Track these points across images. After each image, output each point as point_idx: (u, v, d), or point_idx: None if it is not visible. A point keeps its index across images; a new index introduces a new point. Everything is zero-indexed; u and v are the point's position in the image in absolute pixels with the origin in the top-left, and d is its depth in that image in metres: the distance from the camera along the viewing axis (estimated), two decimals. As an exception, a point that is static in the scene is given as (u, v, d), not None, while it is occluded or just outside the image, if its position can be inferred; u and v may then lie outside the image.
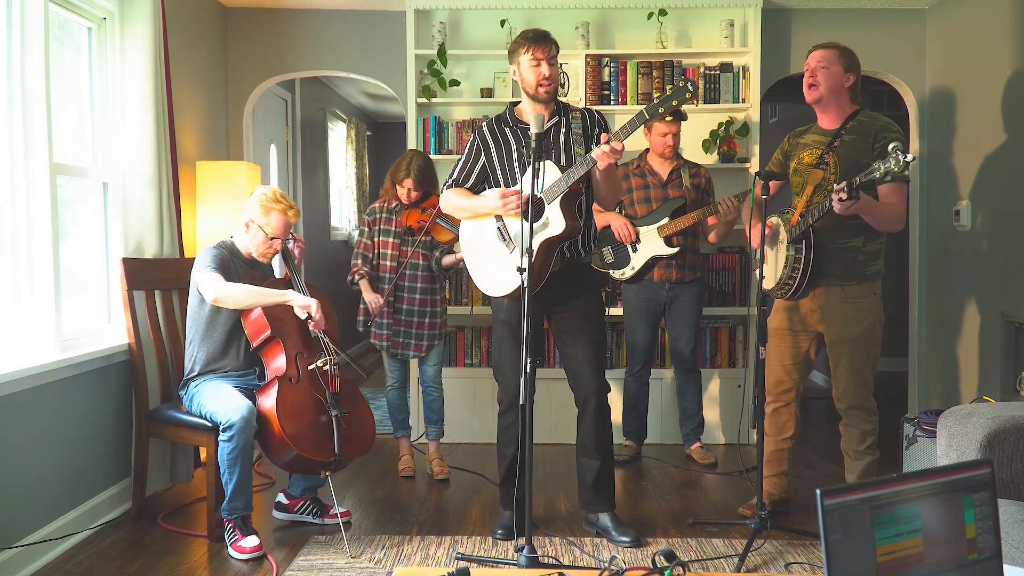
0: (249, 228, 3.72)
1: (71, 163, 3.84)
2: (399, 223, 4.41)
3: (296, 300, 3.55)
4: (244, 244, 3.76)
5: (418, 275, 4.40)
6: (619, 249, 4.73)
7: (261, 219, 3.69)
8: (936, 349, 5.28)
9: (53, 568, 3.26)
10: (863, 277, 3.57)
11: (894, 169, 3.11)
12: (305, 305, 3.54)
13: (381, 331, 4.41)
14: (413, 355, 4.46)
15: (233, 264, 3.69)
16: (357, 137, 9.19)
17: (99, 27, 4.03)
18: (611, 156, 3.15)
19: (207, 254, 3.63)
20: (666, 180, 4.68)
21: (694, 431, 4.90)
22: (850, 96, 3.61)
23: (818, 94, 3.57)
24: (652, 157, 4.73)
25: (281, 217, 3.70)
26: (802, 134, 3.75)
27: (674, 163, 4.71)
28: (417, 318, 4.42)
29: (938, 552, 1.50)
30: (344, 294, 8.58)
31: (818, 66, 3.56)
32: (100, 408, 3.80)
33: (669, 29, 5.29)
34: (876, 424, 3.68)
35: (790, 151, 3.77)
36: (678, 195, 4.64)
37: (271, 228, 3.70)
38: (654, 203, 4.67)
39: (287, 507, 3.81)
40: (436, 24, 5.25)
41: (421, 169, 4.38)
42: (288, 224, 3.74)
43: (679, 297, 4.72)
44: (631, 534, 3.49)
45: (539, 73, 3.39)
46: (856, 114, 3.60)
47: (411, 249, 4.38)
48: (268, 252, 3.76)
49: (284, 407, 3.47)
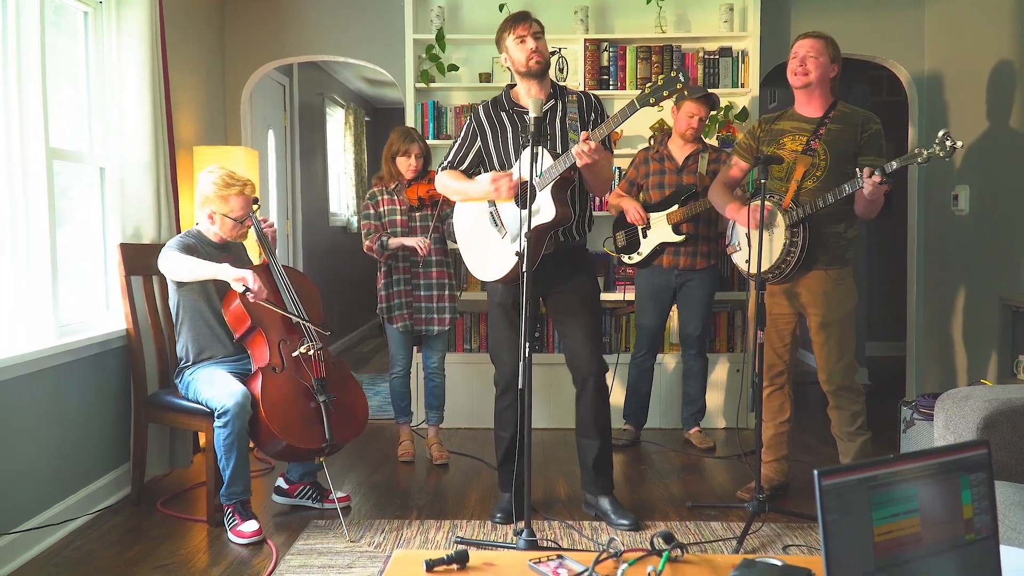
0: (214, 219, 3.67)
1: (68, 148, 3.83)
2: (403, 201, 4.38)
3: (229, 274, 3.44)
4: (213, 231, 3.72)
5: (433, 248, 4.37)
6: (631, 234, 4.72)
7: (222, 207, 3.64)
8: (934, 333, 5.28)
9: (52, 554, 3.27)
10: (844, 261, 3.66)
11: (938, 154, 3.20)
12: (239, 278, 3.42)
13: (401, 311, 4.39)
14: (437, 329, 4.43)
15: (203, 251, 3.65)
16: (355, 122, 9.17)
17: (95, 11, 4.01)
18: (586, 157, 3.13)
19: (172, 241, 3.62)
20: (682, 166, 4.65)
21: (694, 416, 4.90)
22: (831, 87, 3.67)
23: (807, 80, 3.60)
24: (673, 140, 4.69)
25: (240, 198, 3.65)
26: (775, 120, 3.77)
27: (694, 147, 4.67)
28: (436, 291, 4.40)
29: (935, 532, 1.50)
30: (343, 279, 8.62)
31: (807, 55, 3.59)
32: (98, 394, 3.80)
33: (668, 13, 5.27)
34: (863, 404, 3.74)
35: (763, 137, 3.77)
36: (691, 181, 4.62)
37: (235, 212, 3.65)
38: (667, 189, 4.65)
39: (286, 492, 3.82)
40: (434, 9, 5.23)
41: (420, 135, 4.37)
42: (249, 200, 3.69)
43: (689, 283, 4.71)
44: (630, 517, 3.50)
45: (526, 49, 3.38)
46: (835, 105, 3.65)
47: (419, 224, 4.36)
48: (242, 232, 3.74)
49: (269, 398, 3.45)
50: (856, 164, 3.54)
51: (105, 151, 4.04)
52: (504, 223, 3.43)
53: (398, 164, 4.37)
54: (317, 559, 3.19)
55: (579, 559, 2.05)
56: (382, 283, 4.41)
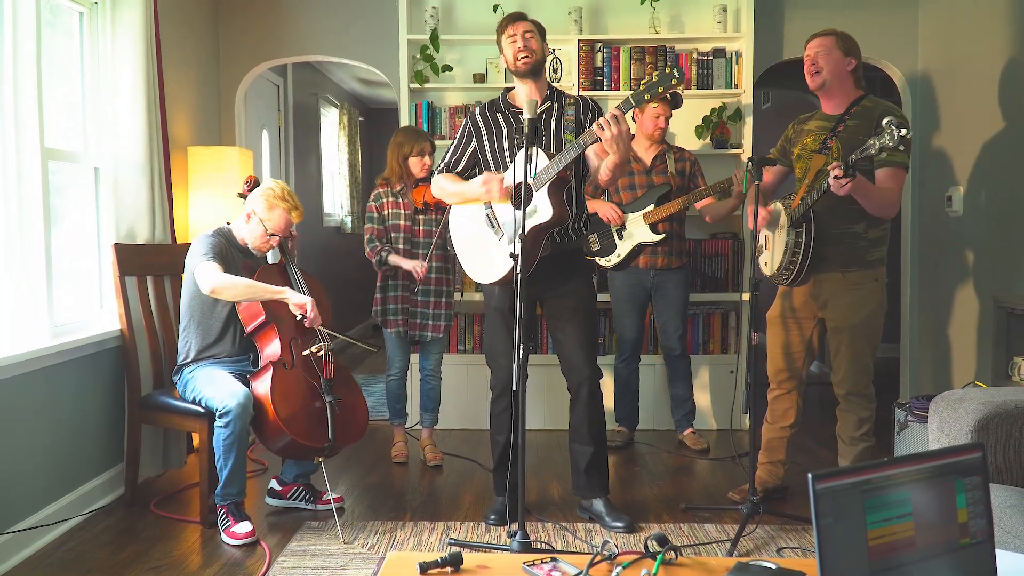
0: (250, 219, 3.70)
1: (63, 148, 3.82)
2: (407, 204, 4.36)
3: (292, 298, 3.53)
4: (242, 233, 3.74)
5: (433, 254, 4.37)
6: (605, 237, 4.71)
7: (264, 213, 3.67)
8: (928, 334, 5.29)
9: (45, 554, 3.26)
10: (864, 264, 3.55)
11: (888, 144, 3.00)
12: (301, 304, 3.52)
13: (396, 317, 4.39)
14: (431, 336, 4.43)
15: (230, 253, 3.67)
16: (350, 123, 9.16)
17: (90, 12, 4.00)
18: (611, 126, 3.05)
19: (204, 242, 3.59)
20: (650, 167, 4.67)
21: (686, 417, 4.91)
22: (853, 80, 3.58)
23: (821, 79, 3.54)
24: (638, 142, 4.69)
25: (284, 215, 3.69)
26: (806, 120, 3.73)
27: (659, 148, 4.70)
28: (434, 297, 4.40)
29: (930, 536, 1.50)
30: (338, 279, 8.61)
31: (817, 54, 3.54)
32: (92, 394, 3.79)
33: (662, 14, 5.28)
34: (873, 412, 3.67)
35: (793, 137, 3.75)
36: (663, 181, 4.63)
37: (272, 224, 3.68)
38: (639, 190, 4.66)
39: (280, 493, 3.82)
40: (429, 9, 5.22)
41: (427, 134, 4.37)
42: (290, 223, 3.73)
43: (665, 284, 4.72)
44: (625, 520, 3.50)
45: (515, 48, 3.39)
46: (861, 99, 3.57)
47: (423, 228, 4.35)
48: (264, 246, 3.74)
49: (279, 392, 3.47)
50: (872, 161, 3.40)
51: (100, 151, 4.03)
52: (500, 224, 3.42)
53: (410, 164, 4.35)
54: (310, 560, 3.18)
55: (573, 561, 2.05)
56: (379, 286, 4.40)
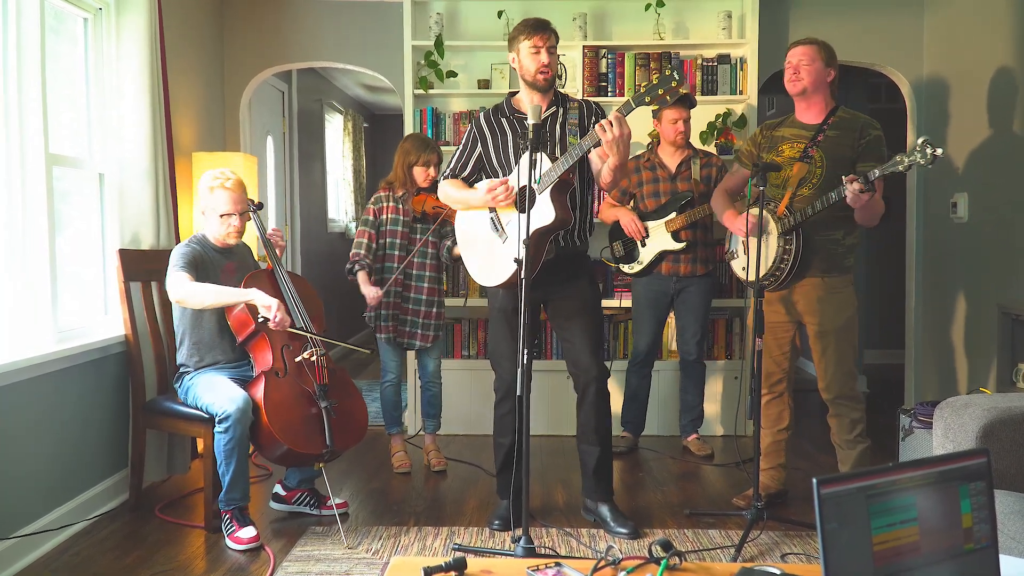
0: (205, 215, 3.69)
1: (67, 154, 3.83)
2: (407, 212, 4.37)
3: (259, 300, 3.47)
4: (211, 233, 3.72)
5: (427, 263, 4.37)
6: (629, 243, 4.72)
7: (209, 201, 3.66)
8: (932, 341, 5.28)
9: (50, 559, 3.26)
10: (842, 269, 3.64)
11: (919, 162, 3.15)
12: (267, 305, 3.46)
13: (387, 323, 4.39)
14: (420, 345, 4.43)
15: (207, 257, 3.65)
16: (354, 129, 9.17)
17: (95, 17, 4.02)
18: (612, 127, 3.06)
19: (176, 253, 3.59)
20: (675, 173, 4.65)
21: (692, 423, 4.90)
22: (830, 91, 3.66)
23: (802, 86, 3.60)
24: (663, 148, 4.70)
25: (223, 192, 3.64)
26: (776, 127, 3.77)
27: (685, 153, 4.68)
28: (424, 307, 4.40)
29: (934, 541, 1.50)
30: (341, 285, 8.60)
31: (800, 63, 3.60)
32: (96, 399, 3.80)
33: (667, 20, 5.28)
34: (863, 412, 3.73)
35: (764, 144, 3.77)
36: (686, 188, 4.62)
37: (220, 206, 3.64)
38: (663, 197, 4.65)
39: (284, 498, 3.82)
40: (433, 15, 5.24)
41: (435, 144, 4.37)
42: (236, 198, 3.66)
43: (687, 290, 4.71)
44: (629, 525, 3.50)
45: (538, 61, 3.39)
46: (835, 110, 3.64)
47: (420, 237, 4.35)
48: (228, 232, 3.68)
49: (272, 402, 3.45)
50: (854, 171, 3.50)
51: (104, 157, 4.04)
52: (505, 228, 3.43)
53: (415, 173, 4.35)
54: (315, 565, 3.18)
55: (577, 567, 2.05)
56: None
